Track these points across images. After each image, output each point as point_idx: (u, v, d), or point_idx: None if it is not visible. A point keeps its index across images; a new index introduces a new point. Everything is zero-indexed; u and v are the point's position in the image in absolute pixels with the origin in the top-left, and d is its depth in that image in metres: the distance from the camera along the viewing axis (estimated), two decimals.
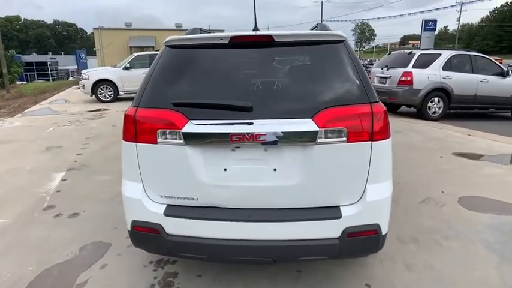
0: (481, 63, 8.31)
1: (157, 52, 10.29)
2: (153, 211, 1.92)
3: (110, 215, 3.30)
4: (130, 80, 11.95)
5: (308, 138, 1.80)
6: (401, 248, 2.67)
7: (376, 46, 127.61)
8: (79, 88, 13.48)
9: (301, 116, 1.82)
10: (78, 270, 2.47)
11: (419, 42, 28.73)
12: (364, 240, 1.87)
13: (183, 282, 2.31)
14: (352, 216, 1.83)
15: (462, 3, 55.67)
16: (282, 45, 2.02)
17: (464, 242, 2.75)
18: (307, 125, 1.80)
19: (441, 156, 5.04)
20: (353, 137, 1.82)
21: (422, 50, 9.17)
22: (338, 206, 1.88)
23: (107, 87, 12.00)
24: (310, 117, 1.81)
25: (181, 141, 1.86)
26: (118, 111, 10.02)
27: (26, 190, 3.99)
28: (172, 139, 1.87)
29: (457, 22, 61.15)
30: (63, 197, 3.77)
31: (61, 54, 57.39)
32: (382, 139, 1.86)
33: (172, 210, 1.92)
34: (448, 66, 8.01)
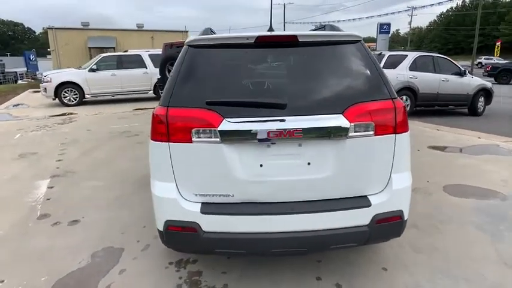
0: (442, 63, 9.00)
1: (128, 53, 10.07)
2: (189, 210, 1.94)
3: (113, 221, 3.21)
4: (98, 82, 11.49)
5: (340, 132, 1.91)
6: (405, 234, 2.83)
7: None
8: (39, 91, 12.70)
9: (331, 112, 1.94)
10: (96, 277, 2.40)
11: (375, 44, 30.17)
12: (390, 226, 2.02)
13: (210, 280, 2.33)
14: (380, 204, 1.98)
15: (413, 8, 59.64)
16: (305, 45, 2.12)
17: (458, 225, 3.02)
18: (338, 120, 1.91)
19: (418, 150, 5.43)
20: (379, 130, 1.96)
21: (391, 51, 9.73)
22: (366, 196, 2.02)
23: (71, 90, 11.40)
24: (341, 113, 1.93)
25: (218, 139, 1.90)
26: (88, 114, 9.59)
27: (12, 200, 3.75)
28: (207, 137, 1.90)
29: (409, 25, 65.25)
30: (56, 205, 3.59)
31: (7, 55, 53.30)
32: (404, 132, 2.03)
33: (209, 208, 1.94)
34: (414, 66, 8.59)
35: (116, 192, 3.89)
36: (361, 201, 1.98)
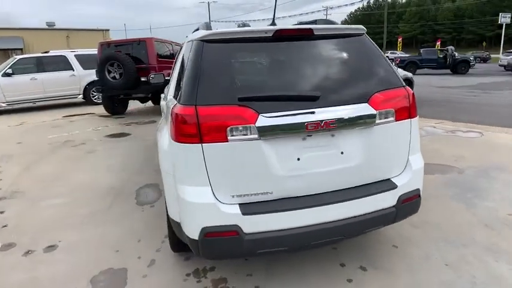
0: None
1: (49, 54, 9.06)
2: (229, 213, 1.83)
3: (99, 240, 2.87)
4: (15, 88, 10.08)
5: (368, 120, 1.99)
6: None
7: None
8: None
9: (358, 102, 2.00)
10: None
11: None
12: (411, 204, 2.17)
13: (238, 285, 2.24)
14: (403, 185, 2.11)
15: (327, 8, 64.42)
16: (319, 38, 2.15)
17: (436, 199, 3.37)
18: (366, 109, 1.99)
19: None
20: (399, 116, 2.09)
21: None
22: (389, 179, 2.13)
23: None
24: (366, 102, 2.01)
25: (255, 135, 1.82)
26: (10, 125, 8.33)
27: None
28: (244, 135, 1.82)
29: None
30: (17, 232, 3.06)
31: None
32: (415, 116, 2.19)
33: (249, 208, 1.86)
34: None
35: (88, 209, 3.47)
36: (388, 184, 2.09)
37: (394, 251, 2.53)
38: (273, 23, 2.77)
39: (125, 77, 7.92)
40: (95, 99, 11.26)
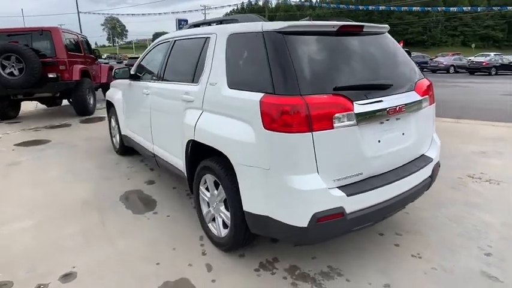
0: None
1: None
2: (336, 196, 1.93)
3: (119, 257, 2.49)
4: None
5: (420, 105, 2.37)
6: None
7: (130, 42, 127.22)
8: None
9: (409, 90, 2.36)
10: None
11: None
12: (436, 173, 2.65)
13: (312, 267, 2.33)
14: (434, 158, 2.57)
15: (205, 7, 65.32)
16: (366, 34, 2.41)
17: None
18: (415, 95, 2.36)
19: None
20: (430, 101, 2.54)
21: None
22: (423, 154, 2.56)
23: None
24: (413, 90, 2.38)
25: (353, 122, 1.97)
26: None
27: None
28: (346, 121, 1.94)
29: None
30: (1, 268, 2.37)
31: None
32: (434, 102, 2.68)
33: (349, 189, 1.99)
34: None
35: (75, 228, 2.90)
36: (427, 159, 2.51)
37: (410, 217, 3.01)
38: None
39: (27, 73, 6.56)
40: None
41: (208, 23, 2.99)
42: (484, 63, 23.55)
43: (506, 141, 5.36)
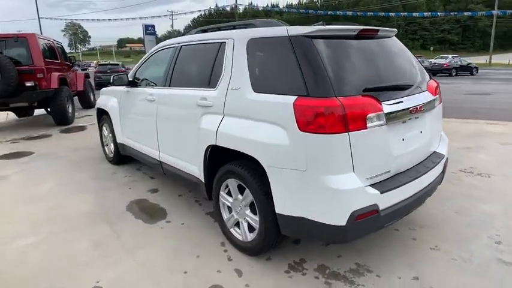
0: None
1: None
2: (371, 193, 1.99)
3: (143, 268, 2.42)
4: None
5: (433, 104, 2.50)
6: None
7: (93, 48, 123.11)
8: None
9: (424, 90, 2.48)
10: None
11: (141, 45, 31.58)
12: (446, 168, 2.79)
13: (340, 266, 2.37)
14: (445, 154, 2.71)
15: (172, 13, 64.55)
16: (379, 37, 2.51)
17: None
18: (429, 95, 2.48)
19: None
20: (439, 101, 2.68)
21: None
22: (435, 151, 2.69)
23: None
24: (427, 90, 2.51)
25: (382, 121, 2.04)
26: None
27: None
28: (377, 121, 2.01)
29: (171, 28, 70.28)
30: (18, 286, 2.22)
31: None
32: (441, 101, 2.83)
33: (381, 187, 2.06)
34: None
35: (86, 241, 2.78)
36: (439, 155, 2.64)
37: (419, 212, 3.13)
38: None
39: (3, 82, 6.18)
40: None
41: (218, 28, 2.98)
42: (445, 65, 24.99)
43: (485, 137, 5.72)
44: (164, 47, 3.53)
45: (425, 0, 58.94)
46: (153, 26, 32.21)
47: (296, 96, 2.01)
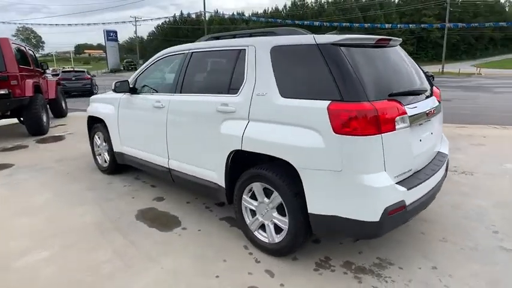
0: None
1: None
2: (400, 190, 2.14)
3: (172, 275, 2.41)
4: None
5: (439, 108, 2.75)
6: None
7: (48, 54, 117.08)
8: None
9: (430, 95, 2.71)
10: None
11: (101, 51, 30.86)
12: (448, 165, 3.04)
13: (364, 261, 2.51)
14: (448, 153, 2.96)
15: (136, 19, 63.09)
16: (390, 46, 2.72)
17: None
18: (436, 100, 2.72)
19: None
20: (441, 106, 2.93)
21: None
22: (439, 151, 2.93)
23: None
24: (433, 95, 2.74)
25: (407, 124, 2.22)
26: None
27: None
28: (403, 124, 2.19)
29: (135, 34, 68.69)
30: None
31: None
32: None
33: (406, 184, 2.22)
34: None
35: (103, 252, 2.70)
36: (444, 154, 2.88)
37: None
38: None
39: None
40: None
41: (233, 36, 3.04)
42: None
43: (457, 139, 6.20)
44: (169, 54, 3.53)
45: (383, 13, 62.62)
46: (115, 32, 31.23)
47: (329, 101, 2.13)
